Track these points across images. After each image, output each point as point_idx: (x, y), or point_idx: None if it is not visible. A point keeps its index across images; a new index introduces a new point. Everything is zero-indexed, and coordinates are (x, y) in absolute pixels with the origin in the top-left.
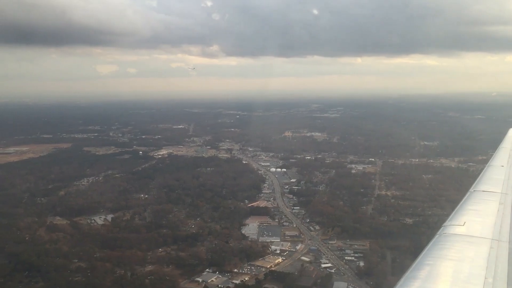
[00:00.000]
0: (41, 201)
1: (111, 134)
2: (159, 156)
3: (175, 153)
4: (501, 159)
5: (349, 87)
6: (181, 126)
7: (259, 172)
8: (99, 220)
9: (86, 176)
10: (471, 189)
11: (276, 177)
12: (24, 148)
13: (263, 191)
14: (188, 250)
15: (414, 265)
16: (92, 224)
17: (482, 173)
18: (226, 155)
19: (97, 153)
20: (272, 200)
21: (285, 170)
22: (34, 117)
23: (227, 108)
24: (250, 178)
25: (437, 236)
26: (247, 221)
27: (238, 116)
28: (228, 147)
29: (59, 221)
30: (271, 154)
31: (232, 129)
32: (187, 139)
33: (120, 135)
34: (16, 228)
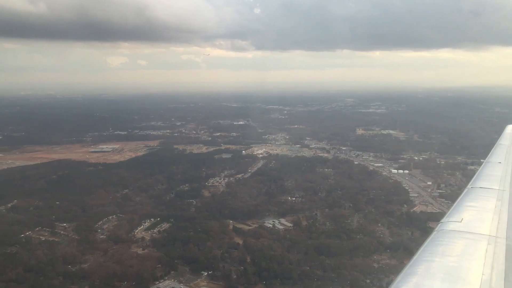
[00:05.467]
0: (195, 203)
1: (183, 130)
2: (260, 156)
3: (270, 152)
4: (499, 155)
5: (373, 80)
6: (241, 122)
7: (383, 173)
8: (277, 224)
9: (210, 177)
10: (469, 186)
11: (407, 179)
12: (116, 146)
13: (410, 195)
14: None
15: (412, 261)
16: (276, 229)
17: (479, 169)
18: (326, 155)
19: (193, 152)
20: (431, 205)
21: (407, 171)
22: (81, 112)
23: (264, 103)
24: (382, 180)
25: (434, 232)
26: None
27: (286, 111)
28: (316, 145)
29: (234, 224)
30: (371, 153)
31: (296, 126)
32: (263, 136)
33: (193, 132)
34: (211, 231)
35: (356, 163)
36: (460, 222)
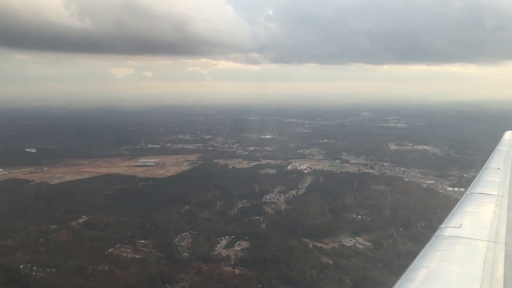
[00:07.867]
0: (262, 220)
1: (215, 144)
2: (306, 171)
3: (314, 167)
4: (497, 161)
5: (383, 93)
6: (268, 136)
7: (440, 191)
8: (355, 243)
9: (264, 193)
10: (468, 191)
11: None
12: (156, 160)
13: None
14: None
15: (410, 267)
16: (358, 248)
17: (478, 175)
18: (372, 171)
19: (236, 167)
20: None
21: (463, 189)
22: (104, 124)
23: (281, 116)
24: (443, 199)
25: (433, 238)
26: None
27: (307, 125)
28: (355, 161)
29: (312, 243)
30: (416, 170)
31: (326, 140)
32: (298, 151)
33: (226, 146)
34: (294, 250)
35: (406, 180)
36: (459, 227)
